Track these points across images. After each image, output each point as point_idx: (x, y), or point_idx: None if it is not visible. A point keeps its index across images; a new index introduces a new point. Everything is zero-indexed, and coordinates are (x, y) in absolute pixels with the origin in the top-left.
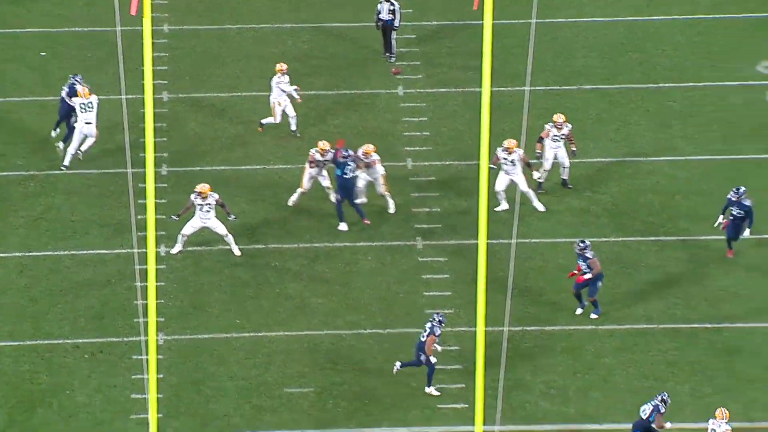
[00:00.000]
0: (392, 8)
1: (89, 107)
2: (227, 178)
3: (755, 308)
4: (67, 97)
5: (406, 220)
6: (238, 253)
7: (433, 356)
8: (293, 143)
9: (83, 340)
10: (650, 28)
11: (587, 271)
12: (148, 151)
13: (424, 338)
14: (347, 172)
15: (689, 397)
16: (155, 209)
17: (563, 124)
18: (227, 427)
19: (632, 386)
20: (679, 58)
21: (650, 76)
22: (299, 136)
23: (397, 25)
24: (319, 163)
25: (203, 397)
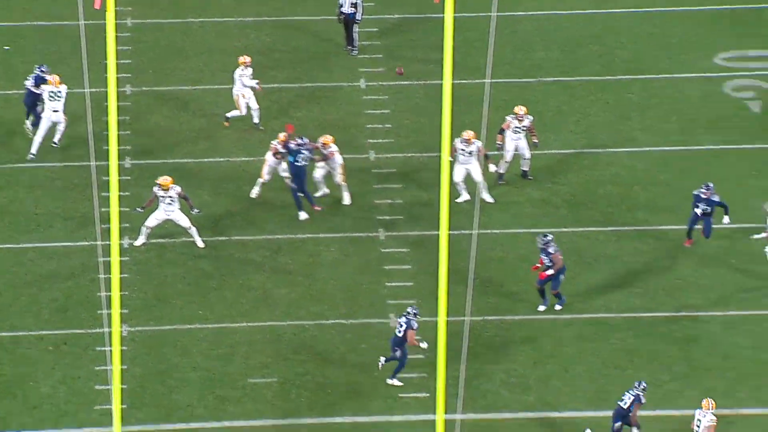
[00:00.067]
0: (354, 2)
1: (58, 96)
2: (191, 170)
3: (713, 297)
4: (33, 86)
5: (368, 211)
6: (201, 245)
7: (421, 344)
8: (256, 136)
9: (47, 331)
10: (609, 20)
11: (550, 265)
12: (111, 143)
13: (400, 333)
14: (299, 159)
15: (648, 384)
16: (119, 202)
17: (524, 116)
18: (191, 417)
19: (592, 375)
20: (637, 50)
21: (609, 68)
22: (262, 128)
23: (359, 18)
24: (283, 154)
25: (167, 387)
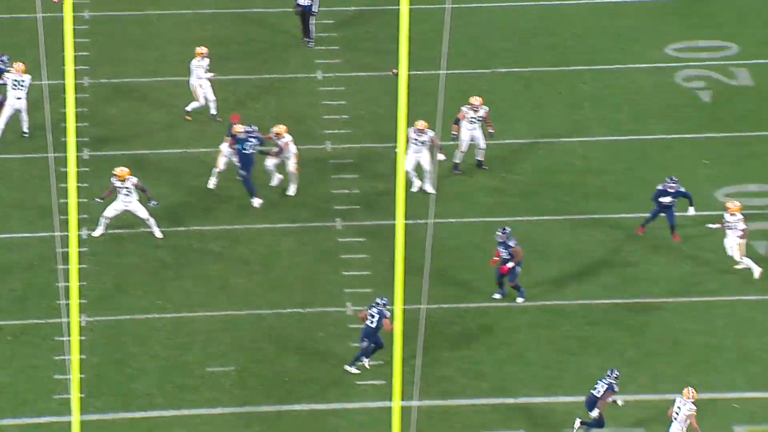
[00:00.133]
0: None
1: (21, 84)
2: (149, 161)
3: (663, 285)
4: None
5: (325, 201)
6: (160, 235)
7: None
8: (213, 127)
9: (6, 321)
10: (562, 12)
11: (508, 258)
12: (69, 135)
13: (373, 324)
14: (247, 147)
15: (600, 370)
16: (77, 193)
17: (480, 106)
18: (149, 405)
19: (545, 361)
20: (590, 41)
21: (562, 59)
22: (220, 119)
23: (315, 10)
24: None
25: (125, 376)
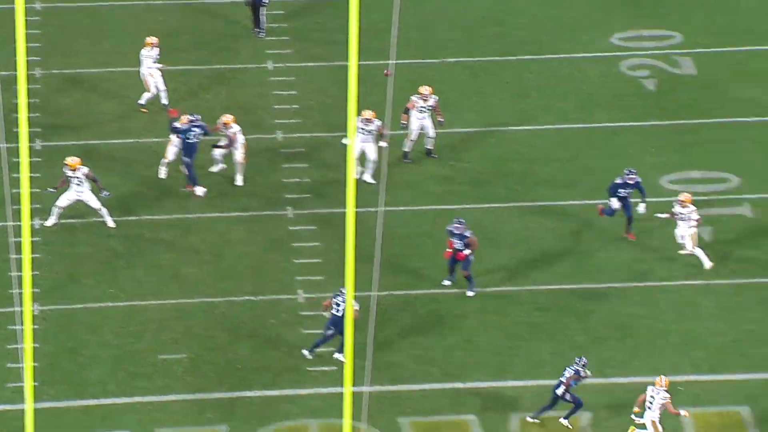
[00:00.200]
0: None
1: None
2: (101, 152)
3: (611, 271)
4: None
5: (276, 190)
6: (112, 225)
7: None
8: (165, 117)
9: None
10: (509, 2)
11: (462, 248)
12: (21, 125)
13: (339, 313)
14: (191, 137)
15: (549, 355)
16: (29, 183)
17: (429, 95)
18: (102, 393)
19: (495, 346)
20: (536, 31)
21: (509, 48)
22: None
23: (266, 1)
24: (177, 133)
25: (78, 365)
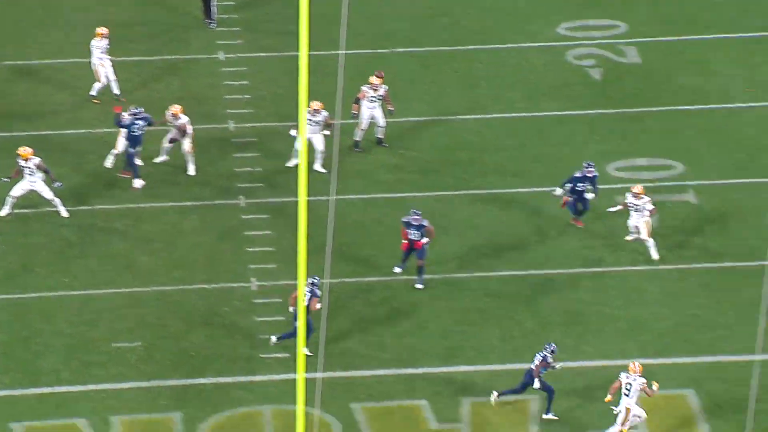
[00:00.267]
0: None
1: None
2: (53, 142)
3: (558, 257)
4: None
5: (228, 179)
6: (65, 214)
7: (318, 305)
8: (116, 105)
9: None
10: None
11: (419, 238)
12: None
13: (307, 302)
14: (135, 129)
15: (499, 341)
16: None
17: (379, 85)
18: (56, 381)
19: (444, 331)
20: (484, 21)
21: (458, 38)
22: (123, 100)
23: None
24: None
25: (32, 353)
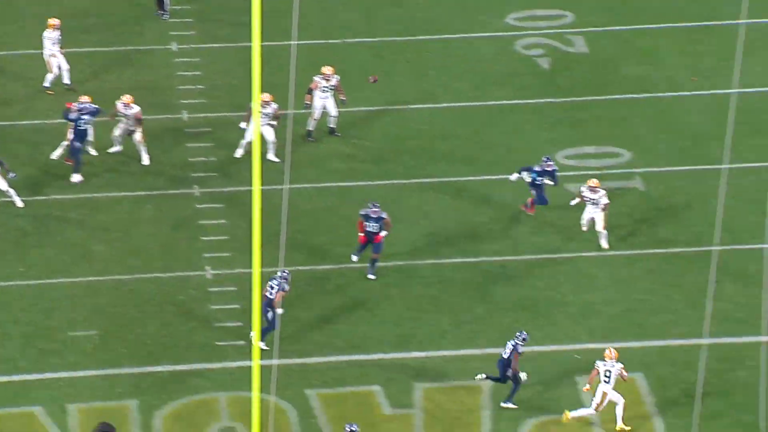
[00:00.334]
0: None
1: None
2: (7, 133)
3: (509, 243)
4: None
5: (182, 169)
6: (20, 204)
7: (279, 309)
8: (70, 97)
9: None
10: None
11: (378, 230)
12: None
13: (272, 295)
14: (81, 123)
15: (450, 326)
16: None
17: (331, 75)
18: (13, 369)
19: (397, 318)
20: (435, 11)
21: (409, 29)
22: (76, 90)
23: None
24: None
25: None
